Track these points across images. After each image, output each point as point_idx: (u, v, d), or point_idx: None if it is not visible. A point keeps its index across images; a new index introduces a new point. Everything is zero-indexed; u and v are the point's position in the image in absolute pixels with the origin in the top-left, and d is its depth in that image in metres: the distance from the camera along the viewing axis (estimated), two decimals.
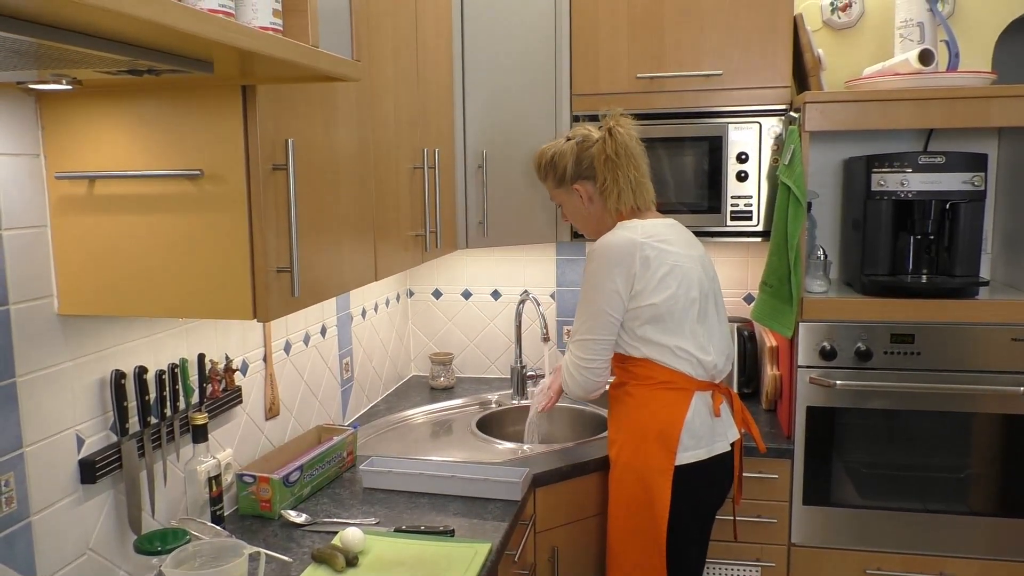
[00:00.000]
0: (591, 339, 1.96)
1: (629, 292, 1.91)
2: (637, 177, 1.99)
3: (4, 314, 1.30)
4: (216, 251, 1.33)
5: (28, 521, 1.35)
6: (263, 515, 1.86)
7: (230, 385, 1.88)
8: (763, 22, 2.48)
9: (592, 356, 1.97)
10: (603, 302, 1.93)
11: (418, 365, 3.22)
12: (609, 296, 1.92)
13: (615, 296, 1.92)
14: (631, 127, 1.99)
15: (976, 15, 2.61)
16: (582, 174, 2.03)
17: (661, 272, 1.90)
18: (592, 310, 1.95)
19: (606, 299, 1.92)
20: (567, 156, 2.04)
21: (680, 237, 2.00)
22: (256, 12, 1.10)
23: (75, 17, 0.79)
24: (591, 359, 1.97)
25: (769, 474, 2.38)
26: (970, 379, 2.27)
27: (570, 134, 2.08)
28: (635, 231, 1.93)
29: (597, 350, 1.97)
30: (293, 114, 1.41)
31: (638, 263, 1.90)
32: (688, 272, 1.94)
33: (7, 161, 1.31)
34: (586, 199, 2.05)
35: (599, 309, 1.94)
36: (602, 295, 1.93)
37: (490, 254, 3.10)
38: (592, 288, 1.95)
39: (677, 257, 1.93)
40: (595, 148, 2.00)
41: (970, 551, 2.32)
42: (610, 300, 1.92)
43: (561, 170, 2.05)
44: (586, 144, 2.02)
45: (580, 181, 2.04)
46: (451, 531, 1.78)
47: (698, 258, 2.00)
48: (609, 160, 1.97)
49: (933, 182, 2.30)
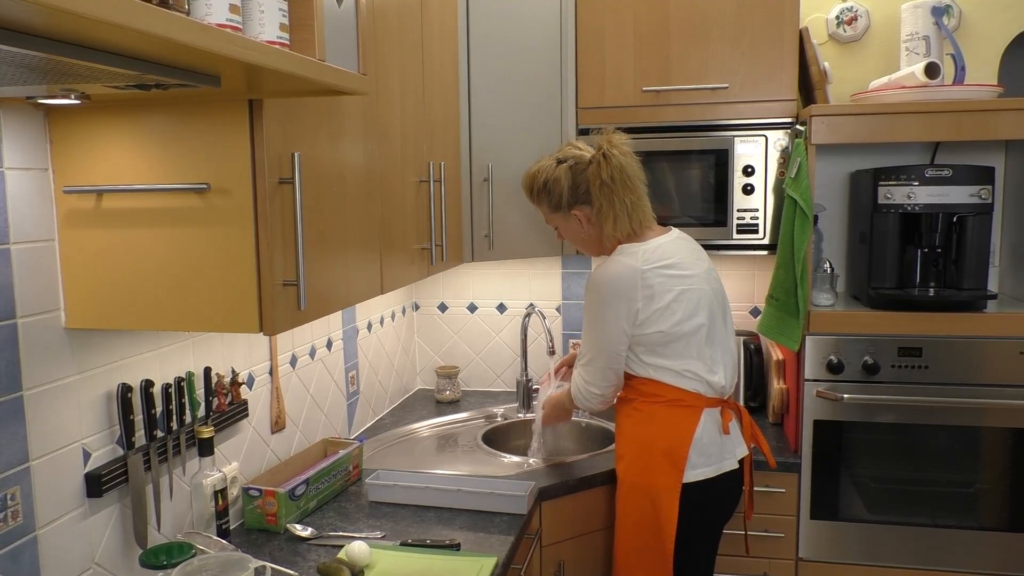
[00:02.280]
0: (596, 367, 1.97)
1: (633, 323, 1.89)
2: (633, 201, 1.94)
3: (12, 328, 1.31)
4: (223, 264, 1.33)
5: (34, 535, 1.35)
6: (269, 529, 1.85)
7: (236, 399, 1.88)
8: (769, 35, 2.48)
9: (598, 381, 1.98)
10: (605, 334, 1.92)
11: (424, 378, 3.22)
12: (610, 328, 1.91)
13: (617, 329, 1.90)
14: (625, 144, 1.94)
15: (982, 28, 2.61)
16: (579, 199, 1.98)
17: (668, 299, 1.88)
18: (594, 340, 1.95)
19: (608, 331, 1.91)
20: (562, 182, 1.98)
21: (685, 253, 1.96)
22: (263, 26, 1.10)
23: (84, 32, 0.79)
24: (597, 383, 1.99)
25: (776, 488, 2.36)
26: (978, 393, 2.25)
27: (560, 155, 2.02)
28: (636, 257, 1.90)
29: (603, 375, 1.97)
30: (299, 128, 1.42)
31: (640, 294, 1.87)
32: (696, 295, 1.91)
33: (16, 175, 1.32)
34: (585, 222, 2.01)
35: (601, 340, 1.93)
36: (604, 327, 1.91)
37: (496, 267, 3.10)
38: (594, 320, 1.93)
39: (684, 280, 1.90)
40: (590, 171, 1.94)
41: (980, 566, 2.30)
42: (611, 333, 1.91)
43: (557, 196, 2.00)
44: (579, 167, 1.97)
45: (578, 206, 1.99)
46: (457, 545, 1.77)
47: (704, 275, 1.96)
48: (604, 185, 1.92)
49: (940, 195, 2.29)
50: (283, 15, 1.14)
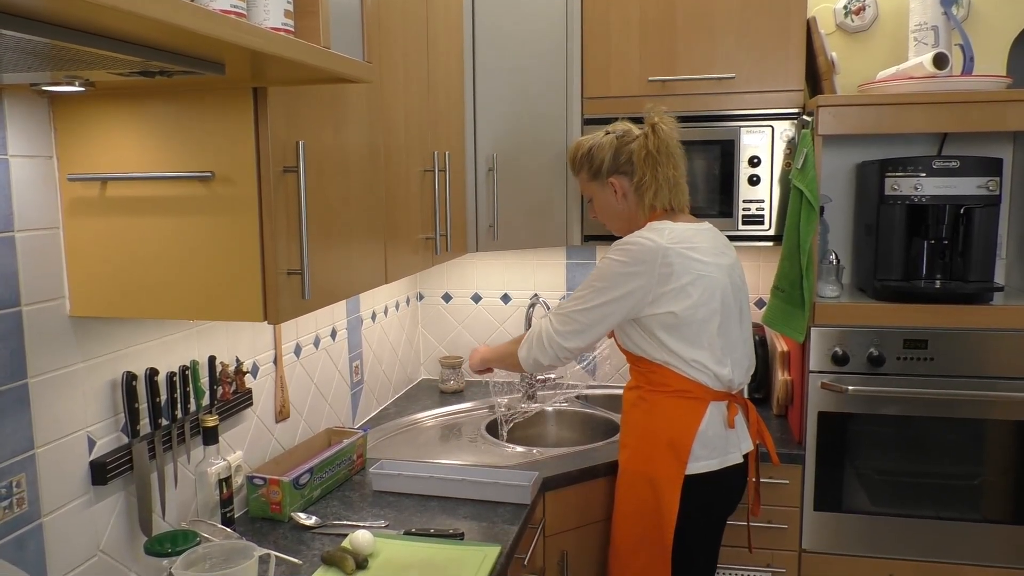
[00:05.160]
0: (581, 324, 1.94)
1: (646, 298, 1.88)
2: (675, 176, 1.97)
3: (16, 315, 1.31)
4: (227, 253, 1.33)
5: (39, 522, 1.36)
6: (273, 517, 1.86)
7: (240, 387, 1.88)
8: (776, 25, 2.46)
9: (571, 336, 1.95)
10: (607, 297, 1.90)
11: (428, 368, 3.22)
12: (616, 294, 1.89)
13: (622, 297, 1.89)
14: (674, 126, 1.98)
15: (991, 19, 2.59)
16: (619, 168, 2.01)
17: (684, 280, 1.87)
18: (593, 298, 1.92)
19: (611, 296, 1.89)
20: (605, 149, 2.02)
21: (711, 244, 1.96)
22: (268, 13, 1.10)
23: (88, 18, 0.79)
24: (568, 337, 1.95)
25: (780, 480, 2.36)
26: (984, 385, 2.25)
27: (610, 128, 2.06)
28: (662, 235, 1.90)
29: (578, 332, 1.94)
30: (304, 116, 1.41)
31: (659, 269, 1.87)
32: (712, 282, 1.90)
33: (20, 163, 1.31)
34: (620, 194, 2.03)
35: (600, 301, 1.91)
36: (610, 290, 1.90)
37: (500, 258, 3.09)
38: (602, 278, 1.91)
39: (703, 266, 1.90)
40: (636, 144, 1.98)
41: (984, 559, 2.30)
42: (615, 298, 1.89)
43: (598, 163, 2.03)
44: (626, 139, 2.01)
45: (616, 175, 2.02)
46: (460, 534, 1.77)
47: (727, 267, 1.96)
48: (650, 156, 1.95)
49: (947, 187, 2.28)
50: (288, 2, 1.13)
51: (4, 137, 1.28)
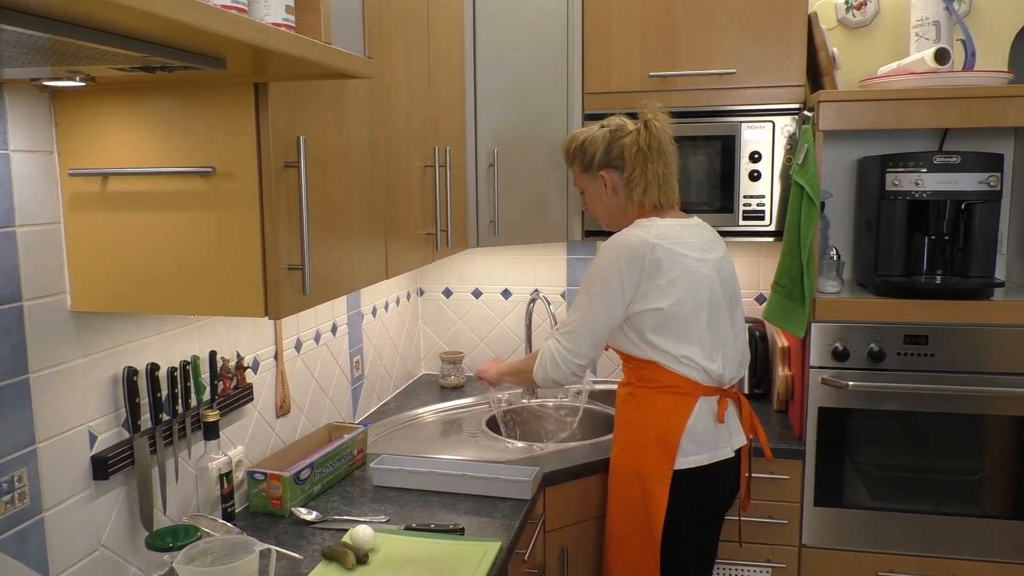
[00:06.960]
0: (585, 335, 1.94)
1: (634, 294, 1.89)
2: (665, 174, 1.97)
3: (17, 311, 1.31)
4: (228, 248, 1.33)
5: (40, 517, 1.36)
6: (274, 512, 1.86)
7: (241, 383, 1.88)
8: (777, 20, 2.46)
9: (581, 350, 1.96)
10: (604, 300, 1.91)
11: (428, 364, 3.22)
12: (612, 296, 1.90)
13: (618, 297, 1.90)
14: (667, 124, 1.98)
15: (993, 14, 2.59)
16: (610, 162, 2.02)
17: (671, 276, 1.88)
18: (592, 305, 1.93)
19: (608, 298, 1.90)
20: (598, 142, 2.02)
21: (699, 239, 1.96)
22: (269, 8, 1.10)
23: (91, 13, 0.79)
24: (583, 353, 1.96)
25: (780, 475, 2.37)
26: (984, 381, 2.25)
27: (605, 122, 2.07)
28: (649, 231, 1.91)
29: (587, 345, 1.95)
30: (305, 112, 1.41)
31: (647, 265, 1.87)
32: (700, 277, 1.91)
33: (21, 158, 1.31)
34: (610, 188, 2.03)
35: (599, 306, 1.92)
36: (605, 293, 1.90)
37: (501, 253, 3.09)
38: (595, 282, 1.92)
39: (690, 262, 1.90)
40: (628, 139, 1.99)
41: (984, 554, 2.31)
42: (611, 300, 1.90)
43: (590, 156, 2.04)
44: (620, 134, 2.01)
45: (606, 169, 2.02)
46: (461, 529, 1.78)
47: (715, 262, 1.96)
48: (641, 152, 1.96)
49: (948, 182, 2.28)
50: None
51: (5, 132, 1.28)
